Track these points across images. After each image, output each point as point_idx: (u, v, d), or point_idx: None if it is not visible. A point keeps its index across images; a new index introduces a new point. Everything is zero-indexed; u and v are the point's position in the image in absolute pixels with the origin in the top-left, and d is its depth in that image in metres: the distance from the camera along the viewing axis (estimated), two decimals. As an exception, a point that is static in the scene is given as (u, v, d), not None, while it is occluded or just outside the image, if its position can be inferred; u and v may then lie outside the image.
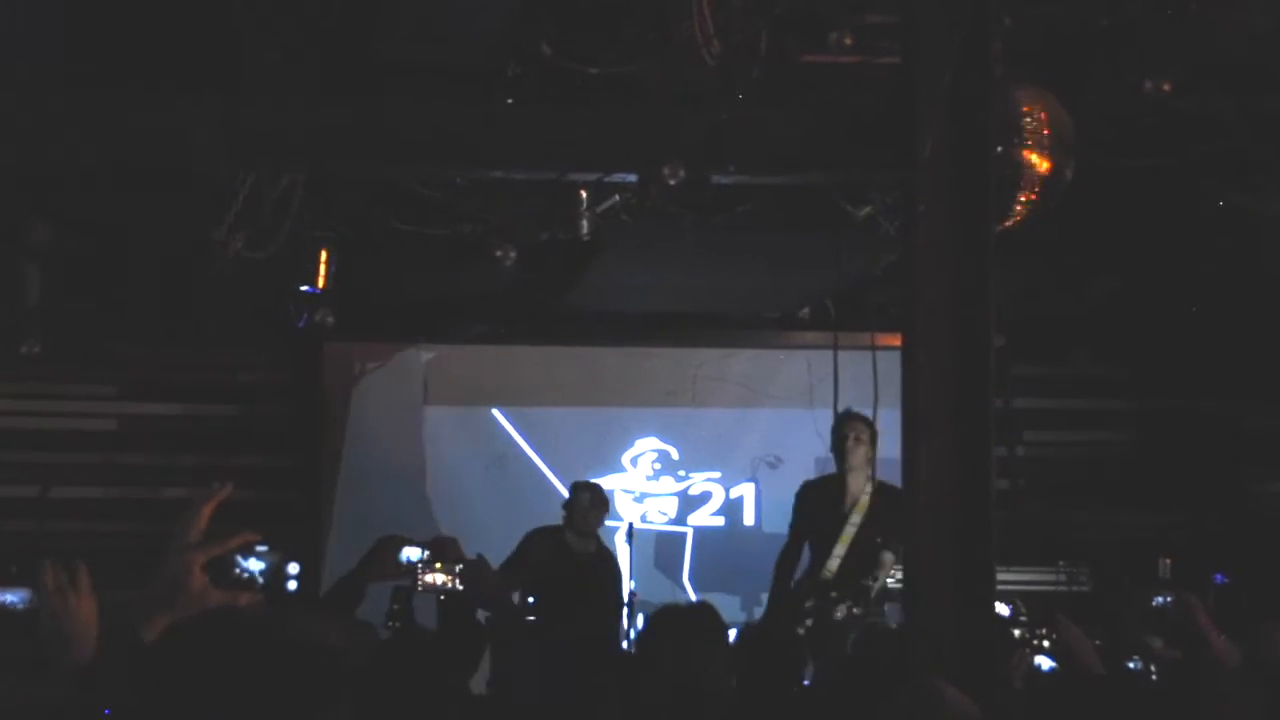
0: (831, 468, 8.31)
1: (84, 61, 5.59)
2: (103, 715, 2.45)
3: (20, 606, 2.72)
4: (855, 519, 7.95)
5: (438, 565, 4.97)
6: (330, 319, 8.46)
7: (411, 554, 5.08)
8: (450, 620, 5.28)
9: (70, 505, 9.92)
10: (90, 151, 5.70)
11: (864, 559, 7.77)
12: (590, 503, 8.78)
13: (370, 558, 5.10)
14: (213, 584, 2.69)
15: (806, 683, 5.76)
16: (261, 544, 2.73)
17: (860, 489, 7.96)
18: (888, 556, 7.55)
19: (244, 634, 2.35)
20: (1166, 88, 5.17)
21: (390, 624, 5.28)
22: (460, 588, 4.93)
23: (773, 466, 10.39)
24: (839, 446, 8.03)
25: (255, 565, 2.72)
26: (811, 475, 9.39)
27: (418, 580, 5.01)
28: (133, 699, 2.34)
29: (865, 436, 7.91)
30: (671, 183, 5.30)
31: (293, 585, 2.72)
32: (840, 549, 7.93)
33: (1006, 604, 5.57)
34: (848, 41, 5.42)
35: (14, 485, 9.87)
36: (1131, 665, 5.01)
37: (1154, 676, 4.93)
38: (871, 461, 7.92)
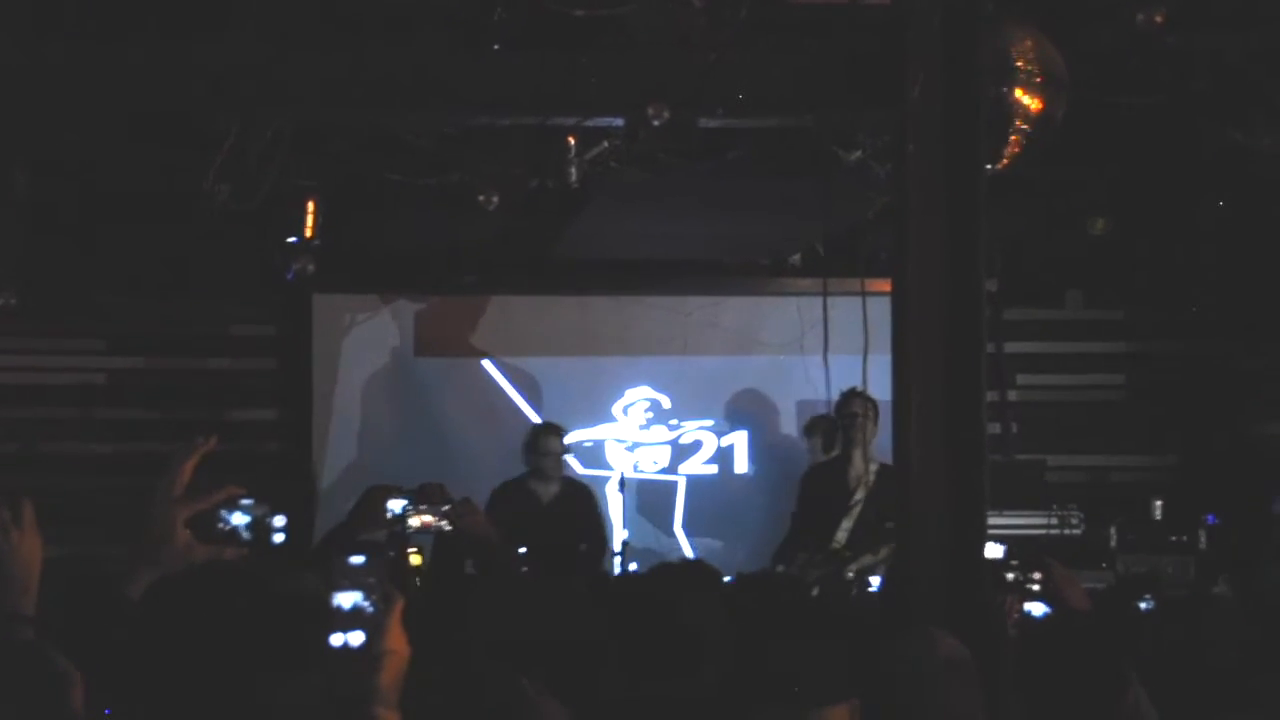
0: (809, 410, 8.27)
1: (73, 7, 5.51)
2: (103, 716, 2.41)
3: None
4: (860, 495, 7.97)
5: (423, 506, 4.93)
6: (311, 267, 8.40)
7: (399, 504, 5.08)
8: (441, 565, 5.24)
9: (57, 460, 9.87)
10: (78, 98, 5.64)
11: (869, 534, 7.81)
12: (562, 449, 8.69)
13: (358, 508, 5.09)
14: (197, 539, 2.66)
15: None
16: (245, 497, 2.70)
17: (864, 467, 7.97)
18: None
19: (233, 588, 2.30)
20: (1159, 20, 5.10)
21: None
22: (449, 528, 4.87)
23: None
24: (845, 424, 8.03)
25: (239, 519, 2.69)
26: (794, 422, 9.33)
27: (406, 524, 4.97)
28: (117, 658, 2.30)
29: (870, 414, 7.91)
30: (655, 123, 5.25)
31: (278, 538, 2.69)
32: (847, 523, 7.96)
33: (999, 544, 5.54)
34: (837, -19, 5.34)
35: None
36: (1143, 606, 4.98)
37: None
38: (874, 439, 7.91)
